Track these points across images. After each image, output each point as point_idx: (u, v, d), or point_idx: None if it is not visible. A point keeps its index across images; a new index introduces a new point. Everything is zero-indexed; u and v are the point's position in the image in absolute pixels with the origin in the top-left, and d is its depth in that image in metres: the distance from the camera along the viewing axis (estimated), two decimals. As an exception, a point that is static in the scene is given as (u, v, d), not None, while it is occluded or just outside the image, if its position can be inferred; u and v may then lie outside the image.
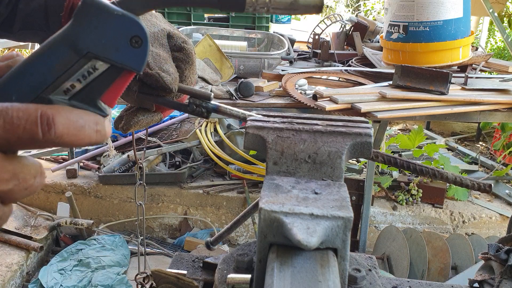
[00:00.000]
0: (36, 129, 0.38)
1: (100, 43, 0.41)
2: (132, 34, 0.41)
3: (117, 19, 0.41)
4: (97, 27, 0.40)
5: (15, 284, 2.69)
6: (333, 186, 0.57)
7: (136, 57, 0.42)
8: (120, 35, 0.41)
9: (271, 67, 2.34)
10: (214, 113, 0.68)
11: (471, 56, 2.32)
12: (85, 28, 0.40)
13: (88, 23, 0.40)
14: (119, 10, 0.41)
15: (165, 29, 0.73)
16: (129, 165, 3.49)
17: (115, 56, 0.41)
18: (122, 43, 0.41)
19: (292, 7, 0.43)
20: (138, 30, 0.41)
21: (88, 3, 0.41)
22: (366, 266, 0.67)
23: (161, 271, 0.71)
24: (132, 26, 0.41)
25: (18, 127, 0.37)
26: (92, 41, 0.41)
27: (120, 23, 0.41)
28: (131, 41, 0.41)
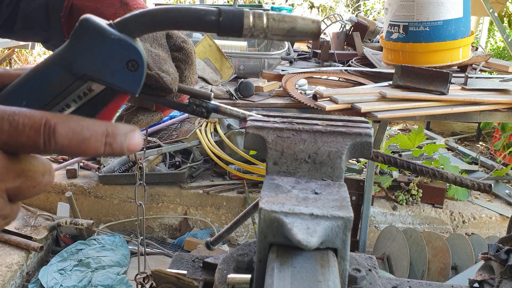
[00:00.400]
0: (39, 138, 0.38)
1: (97, 66, 0.41)
2: (129, 58, 0.41)
3: (114, 42, 0.40)
4: (94, 50, 0.40)
5: (15, 284, 2.69)
6: (333, 186, 0.57)
7: (132, 80, 0.42)
8: (116, 59, 0.41)
9: (271, 67, 2.34)
10: (214, 113, 0.68)
11: (471, 56, 2.32)
12: (81, 50, 0.40)
13: (85, 45, 0.40)
14: (116, 34, 0.41)
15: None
16: (129, 165, 3.49)
17: (111, 79, 0.41)
18: (119, 66, 0.41)
19: (289, 34, 0.44)
20: (134, 54, 0.41)
21: (85, 25, 0.40)
22: (366, 266, 0.67)
23: (161, 271, 0.71)
24: (129, 50, 0.41)
25: (22, 134, 0.37)
26: (89, 64, 0.40)
27: (117, 47, 0.41)
28: (128, 64, 0.41)
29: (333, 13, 7.57)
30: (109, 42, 0.40)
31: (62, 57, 0.41)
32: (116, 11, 0.74)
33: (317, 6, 10.55)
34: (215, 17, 0.41)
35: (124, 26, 0.41)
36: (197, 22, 0.42)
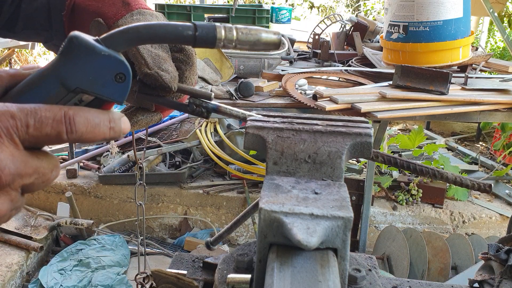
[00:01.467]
0: (62, 127, 0.42)
1: (88, 79, 0.44)
2: (117, 72, 0.45)
3: (104, 58, 0.44)
4: (85, 66, 0.44)
5: (15, 284, 2.69)
6: (333, 186, 0.57)
7: (119, 91, 0.46)
8: (106, 73, 0.45)
9: (271, 67, 2.34)
10: (214, 113, 0.68)
11: (471, 56, 2.32)
12: (74, 66, 0.44)
13: (77, 62, 0.44)
14: (106, 50, 0.44)
15: None
16: (129, 165, 3.49)
17: (101, 90, 0.45)
18: (108, 79, 0.45)
19: (255, 45, 0.50)
20: (122, 68, 0.45)
21: (75, 43, 0.44)
22: (366, 266, 0.67)
23: (161, 271, 0.71)
24: (117, 64, 0.45)
25: (47, 125, 0.42)
26: (81, 78, 0.44)
27: (106, 62, 0.45)
28: (116, 77, 0.45)
29: (333, 13, 7.57)
30: (99, 58, 0.44)
31: (56, 72, 0.44)
32: (117, 11, 0.74)
33: (317, 6, 10.55)
34: (191, 32, 0.47)
35: (111, 41, 0.45)
36: (176, 37, 0.47)
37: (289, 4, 9.96)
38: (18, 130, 0.41)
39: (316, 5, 10.50)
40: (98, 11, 0.75)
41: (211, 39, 0.48)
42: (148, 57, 0.69)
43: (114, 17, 0.73)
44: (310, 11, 10.54)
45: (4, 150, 0.40)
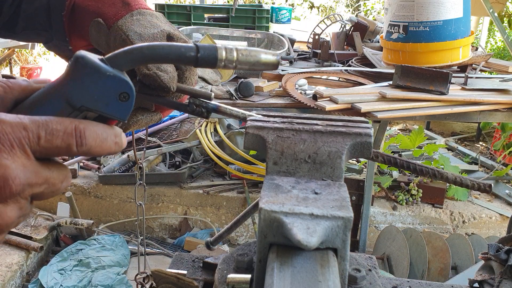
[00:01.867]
0: (72, 140, 0.45)
1: (93, 99, 0.46)
2: (121, 91, 0.47)
3: (109, 79, 0.46)
4: (91, 86, 0.45)
5: (15, 284, 2.69)
6: (333, 186, 0.57)
7: (123, 109, 0.48)
8: (110, 92, 0.46)
9: (271, 67, 2.34)
10: (214, 113, 0.68)
11: (471, 56, 2.32)
12: (79, 86, 0.45)
13: (82, 81, 0.45)
14: (111, 71, 0.46)
15: (165, 30, 0.73)
16: (129, 165, 3.49)
17: (105, 109, 0.47)
18: (112, 98, 0.46)
19: (254, 65, 0.53)
20: (126, 87, 0.47)
21: (81, 63, 0.45)
22: (366, 266, 0.67)
23: (161, 271, 0.71)
24: (122, 84, 0.47)
25: (57, 138, 0.44)
26: (86, 97, 0.45)
27: (111, 83, 0.46)
28: (120, 96, 0.47)
29: (333, 13, 7.57)
30: (105, 78, 0.46)
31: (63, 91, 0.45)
32: (117, 11, 0.74)
33: (317, 6, 10.55)
34: (194, 53, 0.49)
35: (115, 61, 0.47)
36: (179, 58, 0.49)
37: (289, 4, 9.96)
38: (29, 141, 0.43)
39: (316, 5, 10.50)
40: (98, 11, 0.75)
41: (212, 60, 0.50)
42: None
43: (114, 17, 0.73)
44: (310, 11, 10.54)
45: (16, 160, 0.42)
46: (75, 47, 0.84)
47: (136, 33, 0.71)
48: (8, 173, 0.42)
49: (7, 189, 0.42)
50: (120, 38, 0.72)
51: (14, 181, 0.42)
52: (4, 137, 0.41)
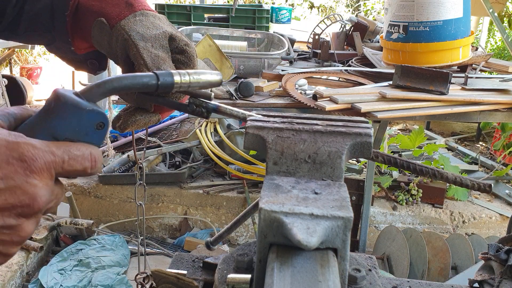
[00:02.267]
0: (88, 164, 0.53)
1: (75, 131, 0.52)
2: (98, 121, 0.53)
3: (88, 113, 0.52)
4: (72, 121, 0.52)
5: (15, 284, 2.69)
6: (333, 186, 0.57)
7: (99, 136, 0.54)
8: (89, 124, 0.53)
9: (271, 67, 2.34)
10: (214, 113, 0.68)
11: (471, 56, 2.32)
12: (63, 122, 0.52)
13: (65, 118, 0.51)
14: (89, 106, 0.52)
15: (167, 32, 0.74)
16: (129, 165, 3.50)
17: (84, 138, 0.53)
18: (90, 128, 0.53)
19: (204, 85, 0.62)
20: (103, 118, 0.54)
21: (62, 101, 0.51)
22: (366, 266, 0.67)
23: (161, 271, 0.71)
24: (99, 116, 0.53)
25: (77, 162, 0.51)
26: (69, 131, 0.52)
27: (90, 116, 0.53)
28: (97, 126, 0.53)
29: (333, 13, 7.57)
30: (84, 113, 0.52)
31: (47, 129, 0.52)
32: (120, 11, 0.74)
33: (317, 6, 10.55)
34: (155, 81, 0.56)
35: (90, 94, 0.53)
36: (143, 86, 0.56)
37: (289, 4, 9.96)
38: (56, 165, 0.49)
39: (316, 5, 10.50)
40: (101, 11, 0.75)
41: (170, 84, 0.57)
42: (147, 58, 0.70)
43: (117, 17, 0.74)
44: (310, 11, 10.54)
45: (43, 181, 0.48)
46: (77, 49, 0.84)
47: (138, 33, 0.72)
48: (36, 192, 0.48)
49: (35, 207, 0.48)
50: (122, 38, 0.72)
51: (41, 200, 0.48)
52: (36, 161, 0.48)
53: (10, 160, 0.46)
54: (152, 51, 0.71)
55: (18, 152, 0.47)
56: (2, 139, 0.47)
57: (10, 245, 0.49)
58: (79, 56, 0.87)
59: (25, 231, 0.49)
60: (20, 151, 0.47)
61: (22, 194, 0.47)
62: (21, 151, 0.47)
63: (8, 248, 0.49)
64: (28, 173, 0.47)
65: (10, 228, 0.48)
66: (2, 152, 0.46)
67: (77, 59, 0.88)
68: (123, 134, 3.87)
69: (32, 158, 0.47)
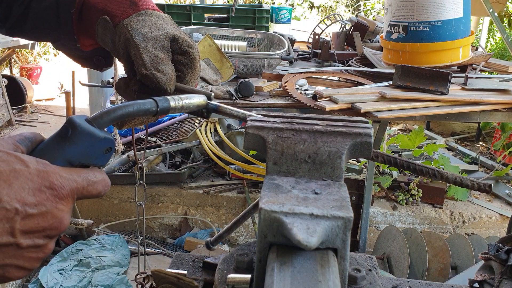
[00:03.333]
0: (102, 189, 0.59)
1: (87, 156, 0.57)
2: (107, 147, 0.59)
3: (101, 141, 0.57)
4: (87, 148, 0.57)
5: (15, 284, 2.69)
6: (333, 186, 0.57)
7: (106, 159, 0.60)
8: (100, 150, 0.58)
9: (271, 67, 2.34)
10: (214, 113, 0.68)
11: (471, 56, 2.32)
12: (78, 149, 0.56)
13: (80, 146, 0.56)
14: (103, 134, 0.57)
15: (170, 33, 0.74)
16: (129, 165, 3.49)
17: (94, 161, 0.59)
18: (100, 153, 0.58)
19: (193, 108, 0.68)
20: (111, 143, 0.59)
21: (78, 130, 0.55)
22: (366, 266, 0.67)
23: (161, 271, 0.71)
24: (109, 142, 0.58)
25: (94, 188, 0.57)
26: (82, 157, 0.57)
27: (102, 143, 0.58)
28: (106, 150, 0.59)
29: (333, 13, 7.56)
30: (98, 141, 0.57)
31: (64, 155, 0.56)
32: (124, 10, 0.75)
33: (317, 6, 10.55)
34: (155, 108, 0.62)
35: (101, 122, 0.58)
36: (146, 112, 0.62)
37: (289, 4, 9.96)
38: (78, 191, 0.55)
39: (316, 5, 10.50)
40: (105, 9, 0.76)
41: (167, 109, 0.63)
42: (146, 58, 0.70)
43: (121, 16, 0.74)
44: (310, 11, 10.54)
45: (68, 206, 0.54)
46: (83, 46, 0.85)
47: (140, 33, 0.72)
48: (63, 216, 0.53)
49: (61, 229, 0.54)
50: (124, 36, 0.73)
51: (66, 222, 0.54)
52: (64, 189, 0.53)
53: (42, 189, 0.51)
54: (152, 51, 0.71)
55: (49, 181, 0.52)
56: (34, 168, 0.52)
57: (35, 261, 0.54)
58: (85, 53, 0.87)
59: (49, 249, 0.55)
60: (50, 180, 0.52)
61: (52, 218, 0.52)
62: (51, 180, 0.52)
63: (33, 263, 0.54)
64: (57, 200, 0.53)
65: (38, 247, 0.53)
66: (35, 181, 0.51)
67: (83, 56, 0.89)
68: (122, 134, 3.87)
69: (61, 186, 0.53)
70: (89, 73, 4.81)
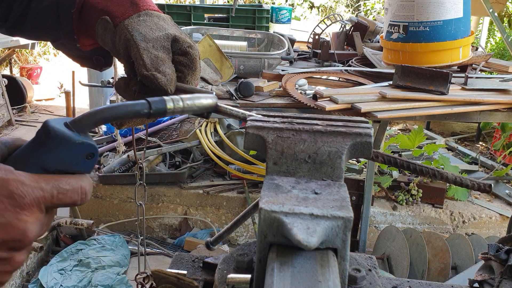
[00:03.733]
0: (78, 197, 0.54)
1: (64, 163, 0.52)
2: (88, 152, 0.53)
3: (77, 146, 0.52)
4: (62, 154, 0.52)
5: (15, 284, 2.69)
6: (333, 186, 0.57)
7: (89, 165, 0.54)
8: (79, 155, 0.53)
9: (271, 67, 2.34)
10: (214, 113, 0.68)
11: (471, 56, 2.31)
12: (52, 155, 0.52)
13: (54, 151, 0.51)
14: (79, 139, 0.52)
15: (170, 34, 0.74)
16: (129, 165, 3.49)
17: (74, 168, 0.53)
18: (80, 159, 0.53)
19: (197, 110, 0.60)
20: (92, 149, 0.53)
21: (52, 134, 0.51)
22: (366, 266, 0.67)
23: (161, 271, 0.71)
24: (89, 147, 0.53)
25: (66, 196, 0.52)
26: (58, 163, 0.52)
27: (80, 148, 0.52)
28: (86, 156, 0.53)
29: (333, 13, 7.57)
30: (75, 145, 0.52)
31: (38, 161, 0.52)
32: (125, 11, 0.75)
33: (317, 6, 10.55)
34: (147, 110, 0.55)
35: (80, 125, 0.53)
36: (135, 115, 0.55)
37: (289, 4, 9.96)
38: (45, 200, 0.50)
39: (316, 5, 10.50)
40: (106, 9, 0.76)
41: (162, 111, 0.57)
42: (147, 59, 0.70)
43: (121, 16, 0.74)
44: (310, 11, 10.54)
45: (33, 216, 0.50)
46: (82, 45, 0.85)
47: (140, 34, 0.72)
48: (27, 227, 0.49)
49: (26, 241, 0.50)
50: (125, 37, 0.73)
51: (31, 234, 0.50)
52: (25, 197, 0.49)
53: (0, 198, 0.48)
54: (153, 52, 0.71)
55: (8, 190, 0.48)
56: None
57: (2, 275, 0.52)
58: (85, 52, 0.87)
59: (16, 262, 0.52)
60: (10, 189, 0.48)
61: (13, 230, 0.48)
62: (11, 189, 0.48)
63: (1, 277, 0.52)
64: (18, 210, 0.48)
65: (2, 260, 0.50)
66: None
67: (82, 55, 0.89)
68: (122, 134, 3.87)
69: (21, 195, 0.48)
70: (89, 73, 4.81)
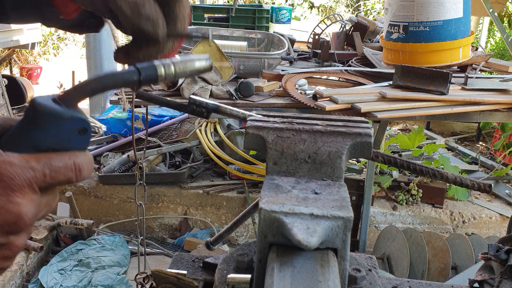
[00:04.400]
0: (72, 174, 0.51)
1: (56, 140, 0.51)
2: (80, 127, 0.51)
3: (68, 120, 0.50)
4: (52, 131, 0.50)
5: (15, 284, 2.69)
6: (333, 186, 0.57)
7: (83, 141, 0.52)
8: (70, 131, 0.51)
9: (271, 67, 2.34)
10: (214, 113, 0.68)
11: (471, 56, 2.32)
12: (42, 133, 0.50)
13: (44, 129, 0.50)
14: (68, 113, 0.50)
15: None
16: (129, 165, 3.49)
17: (67, 145, 0.51)
18: (73, 135, 0.51)
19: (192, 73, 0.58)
20: (84, 123, 0.51)
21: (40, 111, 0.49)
22: (366, 266, 0.67)
23: (161, 271, 0.71)
24: (80, 122, 0.51)
25: (60, 173, 0.50)
26: (50, 141, 0.50)
27: (71, 123, 0.51)
28: (79, 131, 0.51)
29: (333, 13, 7.57)
30: (63, 121, 0.50)
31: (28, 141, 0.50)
32: None
33: (317, 6, 10.55)
34: (137, 77, 0.53)
35: (69, 99, 0.51)
36: (125, 83, 0.53)
37: (289, 4, 9.96)
38: (37, 180, 0.48)
39: (316, 5, 10.50)
40: None
41: (154, 78, 0.54)
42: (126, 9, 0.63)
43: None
44: (310, 11, 10.54)
45: (26, 197, 0.48)
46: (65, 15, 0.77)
47: None
48: (20, 209, 0.48)
49: (22, 224, 0.48)
50: None
51: (26, 216, 0.48)
52: (15, 178, 0.47)
53: None
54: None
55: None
56: None
57: (3, 260, 0.50)
58: (74, 20, 0.82)
59: (15, 246, 0.50)
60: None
61: (6, 213, 0.47)
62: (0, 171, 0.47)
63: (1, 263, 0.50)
64: (9, 192, 0.47)
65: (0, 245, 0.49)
66: None
67: (73, 23, 0.83)
68: (123, 134, 3.87)
69: (11, 176, 0.47)
70: (89, 73, 4.81)
